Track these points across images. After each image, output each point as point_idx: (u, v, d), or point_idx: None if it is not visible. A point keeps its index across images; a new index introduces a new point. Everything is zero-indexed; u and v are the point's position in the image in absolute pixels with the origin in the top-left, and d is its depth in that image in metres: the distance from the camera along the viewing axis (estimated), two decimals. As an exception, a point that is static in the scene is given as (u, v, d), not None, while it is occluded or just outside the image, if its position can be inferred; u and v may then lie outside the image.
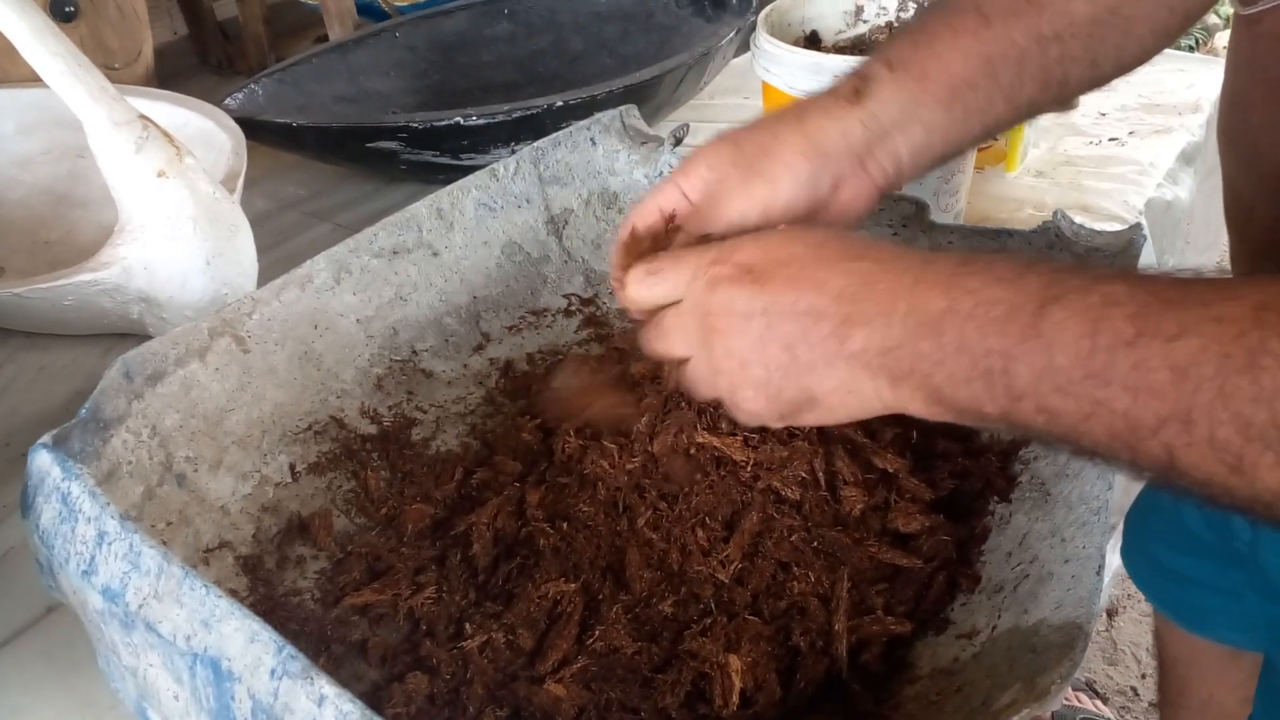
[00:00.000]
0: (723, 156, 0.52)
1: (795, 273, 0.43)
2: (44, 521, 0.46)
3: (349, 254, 0.67)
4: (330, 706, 0.35)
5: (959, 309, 0.38)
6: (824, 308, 0.41)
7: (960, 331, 0.37)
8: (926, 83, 0.53)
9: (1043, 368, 0.35)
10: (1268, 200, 0.57)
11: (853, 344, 0.40)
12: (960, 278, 0.39)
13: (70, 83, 0.64)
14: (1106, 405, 0.34)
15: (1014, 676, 0.42)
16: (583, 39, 1.20)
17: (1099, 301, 0.35)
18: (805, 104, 0.53)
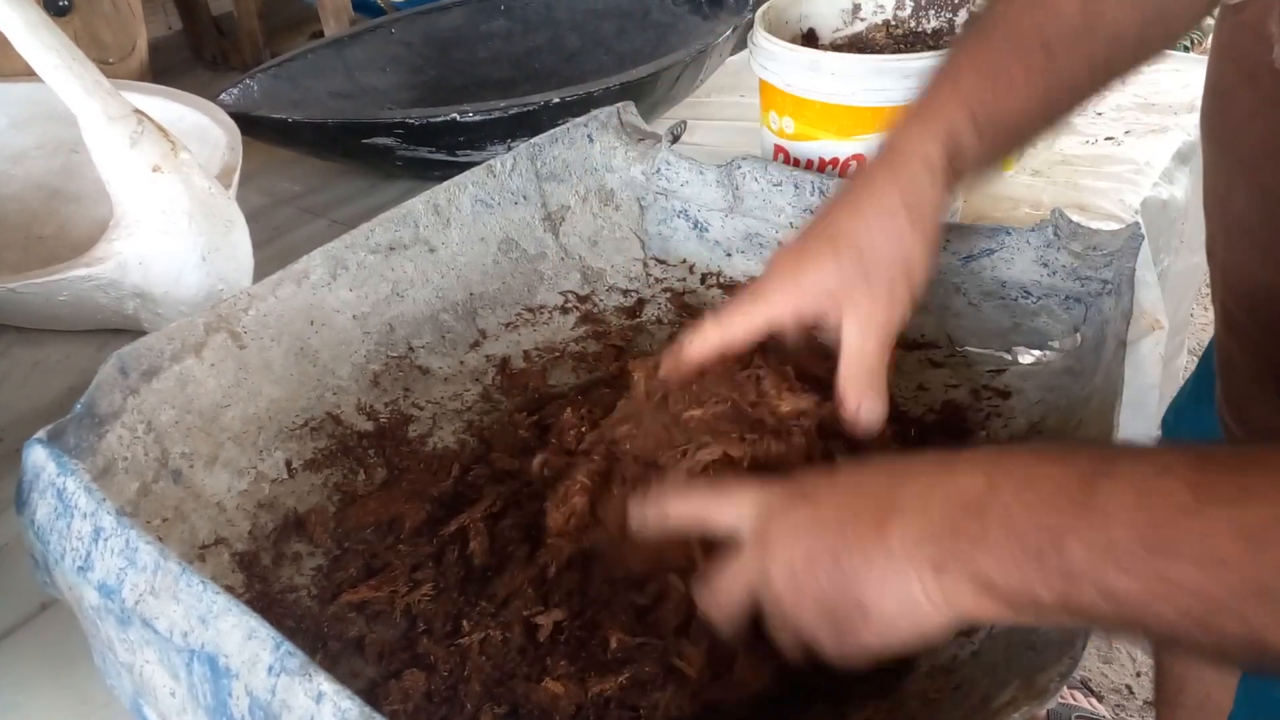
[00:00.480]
0: (850, 282, 0.51)
1: (840, 483, 0.43)
2: (39, 517, 0.46)
3: (345, 250, 0.66)
4: (328, 703, 0.35)
5: (1001, 488, 0.36)
6: (862, 507, 0.40)
7: (1005, 511, 0.35)
8: (1000, 136, 0.53)
9: (1099, 543, 0.32)
10: (1245, 188, 0.58)
11: (892, 537, 0.38)
12: (1000, 458, 0.37)
13: (64, 76, 0.64)
14: (1174, 583, 0.31)
15: (1012, 674, 0.42)
16: (579, 36, 1.20)
17: (1152, 471, 0.33)
18: (903, 188, 0.51)
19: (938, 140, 0.52)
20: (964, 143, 0.52)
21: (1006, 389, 0.67)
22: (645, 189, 0.81)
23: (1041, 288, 0.67)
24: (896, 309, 0.51)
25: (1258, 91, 0.54)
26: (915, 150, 0.52)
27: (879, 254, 0.51)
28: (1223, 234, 0.64)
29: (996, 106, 0.52)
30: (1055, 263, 0.66)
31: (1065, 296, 0.67)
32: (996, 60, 0.54)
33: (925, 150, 0.52)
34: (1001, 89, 0.53)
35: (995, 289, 0.69)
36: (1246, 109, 0.56)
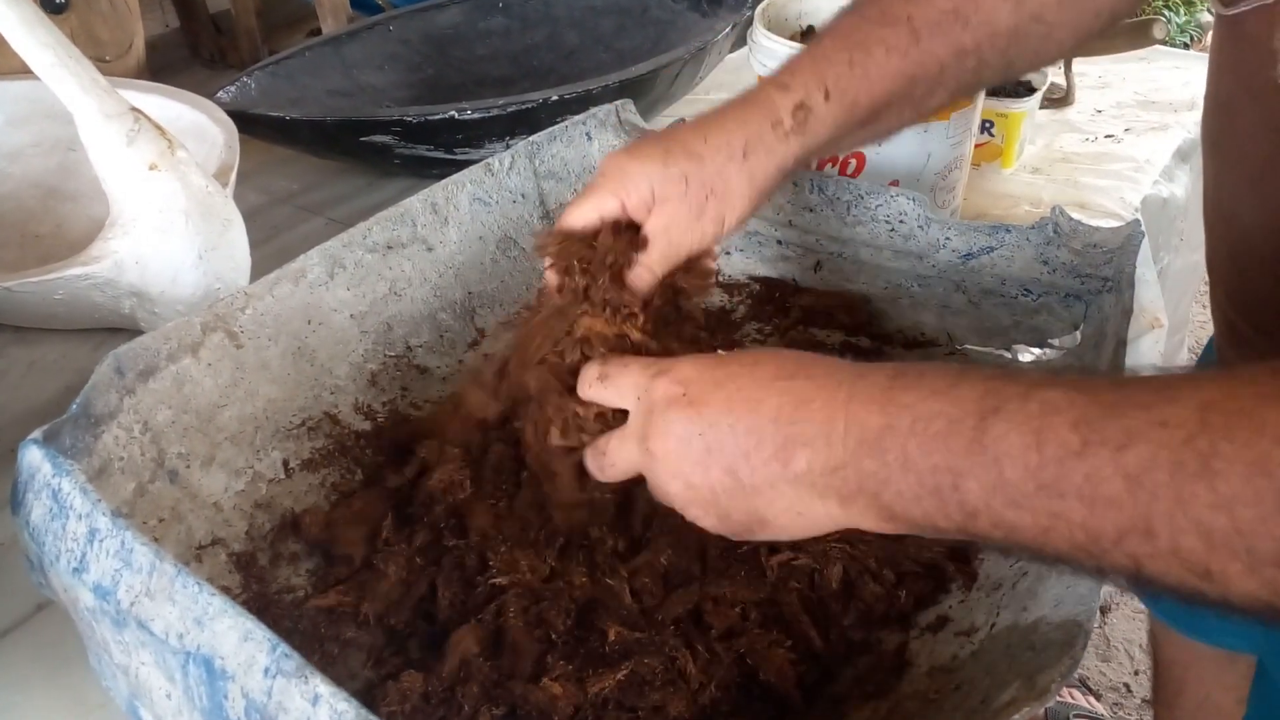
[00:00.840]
0: (669, 184, 0.53)
1: (731, 393, 0.43)
2: (34, 518, 0.45)
3: (343, 249, 0.66)
4: (325, 705, 0.35)
5: (898, 426, 0.37)
6: (762, 429, 0.41)
7: (903, 449, 0.37)
8: (855, 109, 0.55)
9: (993, 482, 0.34)
10: (1251, 205, 0.57)
11: (796, 466, 0.40)
12: (894, 392, 0.38)
13: (61, 74, 0.64)
14: (1064, 517, 0.33)
15: (1013, 674, 0.42)
16: (578, 33, 1.20)
17: (1039, 410, 0.34)
18: (747, 131, 0.54)
19: (788, 104, 0.54)
20: (813, 108, 0.54)
21: (1006, 387, 0.66)
22: (644, 187, 0.80)
23: (1042, 285, 0.67)
24: (699, 229, 0.54)
25: (1260, 106, 0.53)
26: (767, 106, 0.55)
27: (702, 170, 0.53)
28: (1225, 247, 0.63)
29: (851, 79, 0.54)
30: (1055, 260, 0.66)
31: (1065, 294, 0.66)
32: (859, 37, 0.55)
33: (774, 106, 0.54)
34: (858, 63, 0.54)
35: (995, 287, 0.68)
36: (1250, 124, 0.55)
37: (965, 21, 0.54)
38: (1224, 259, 0.64)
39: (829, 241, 0.75)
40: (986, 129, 0.96)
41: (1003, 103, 0.95)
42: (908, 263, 0.71)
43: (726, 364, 0.45)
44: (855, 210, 0.73)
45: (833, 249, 0.75)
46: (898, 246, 0.71)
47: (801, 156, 0.55)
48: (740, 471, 0.41)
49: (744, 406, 0.42)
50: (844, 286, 0.75)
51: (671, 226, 0.53)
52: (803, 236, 0.76)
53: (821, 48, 0.56)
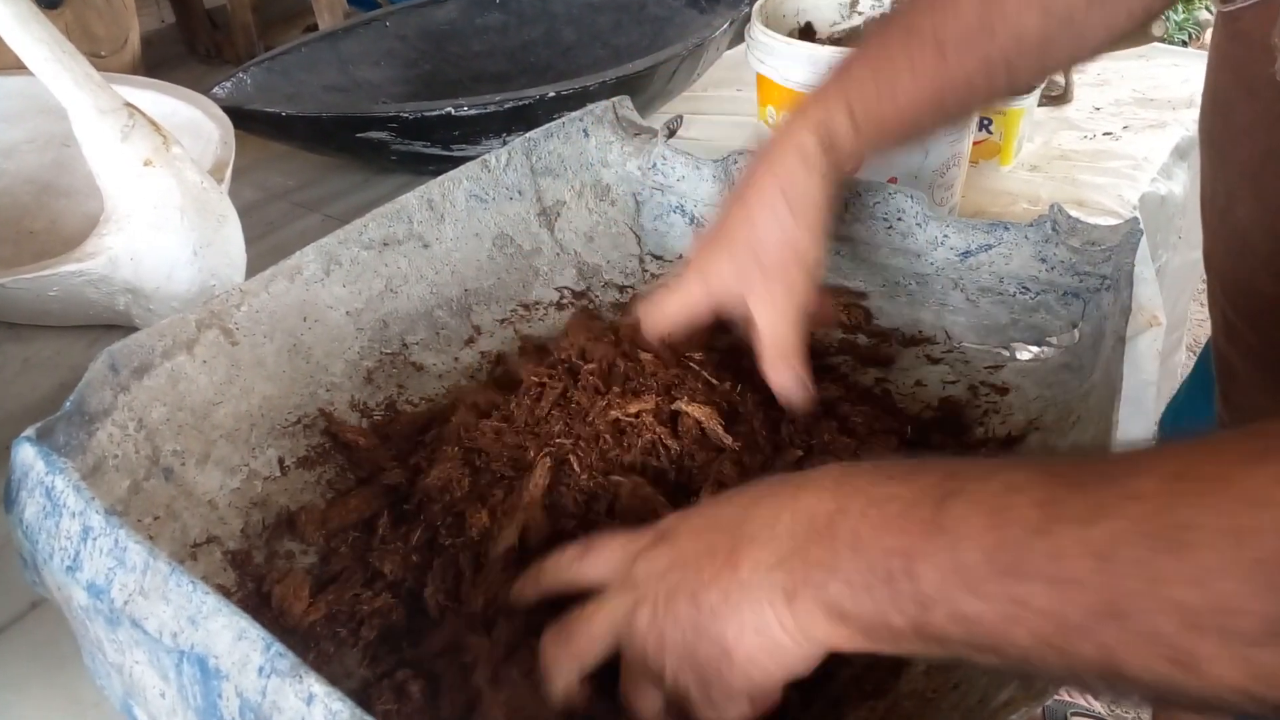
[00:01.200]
0: (748, 272, 0.56)
1: (695, 520, 0.42)
2: (27, 516, 0.45)
3: (338, 245, 0.66)
4: (319, 705, 0.35)
5: (849, 509, 0.35)
6: (716, 541, 0.39)
7: (853, 533, 0.34)
8: (884, 132, 0.56)
9: (949, 566, 0.32)
10: (1245, 201, 0.57)
11: (743, 568, 0.37)
12: (847, 478, 0.36)
13: (55, 69, 0.63)
14: (1027, 604, 0.30)
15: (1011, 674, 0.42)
16: (575, 30, 1.19)
17: (1000, 489, 0.32)
18: (781, 181, 0.56)
19: (812, 132, 0.55)
20: (839, 134, 0.55)
21: (1005, 385, 0.66)
22: (641, 184, 0.80)
23: (1040, 283, 0.67)
24: (796, 292, 0.56)
25: (1258, 103, 0.53)
26: (792, 142, 0.56)
27: (767, 247, 0.56)
28: (1222, 245, 0.63)
29: (879, 101, 0.55)
30: (1053, 258, 0.66)
31: (1063, 292, 0.66)
32: (886, 57, 0.56)
33: (800, 141, 0.55)
34: (885, 84, 0.55)
35: (993, 285, 0.68)
36: (1247, 120, 0.55)
37: (992, 34, 0.54)
38: (1221, 255, 0.64)
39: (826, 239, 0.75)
40: (985, 126, 0.96)
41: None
42: (905, 260, 0.71)
43: (704, 507, 0.44)
44: (853, 207, 0.72)
45: (830, 246, 0.75)
46: (895, 244, 0.71)
47: (834, 175, 0.57)
48: (699, 595, 0.38)
49: (706, 525, 0.41)
50: (841, 284, 0.74)
51: (777, 305, 0.56)
52: (800, 234, 0.76)
53: (847, 68, 0.57)
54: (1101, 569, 0.29)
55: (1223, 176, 0.60)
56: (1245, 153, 0.56)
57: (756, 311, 0.56)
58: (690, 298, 0.59)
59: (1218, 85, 0.59)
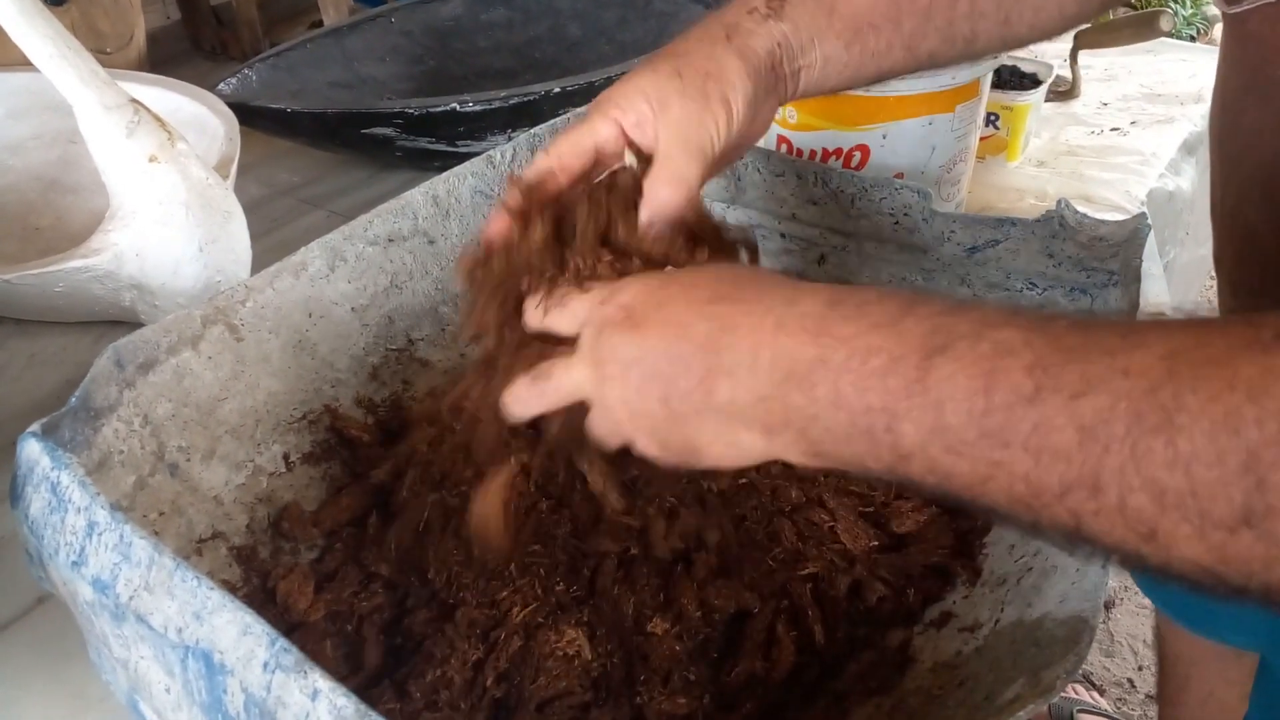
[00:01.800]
0: (664, 86, 0.49)
1: (667, 316, 0.41)
2: (33, 511, 0.45)
3: (344, 241, 0.66)
4: (324, 700, 0.35)
5: (831, 360, 0.34)
6: (689, 356, 0.39)
7: (835, 385, 0.34)
8: (833, 17, 0.51)
9: (931, 427, 0.32)
10: (1257, 202, 0.57)
11: (719, 396, 0.38)
12: (830, 323, 0.35)
13: (60, 66, 0.63)
14: (1005, 468, 0.30)
15: (1018, 670, 0.42)
16: (580, 25, 1.19)
17: (991, 351, 0.31)
18: (724, 20, 0.51)
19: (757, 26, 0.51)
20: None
21: (1011, 382, 0.66)
22: (646, 180, 0.80)
23: (1047, 279, 0.66)
24: (710, 117, 0.49)
25: (1268, 104, 0.53)
26: (734, 4, 0.52)
27: (692, 61, 0.49)
28: (1232, 247, 0.63)
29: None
30: (1061, 254, 0.65)
31: (1071, 288, 0.66)
32: None
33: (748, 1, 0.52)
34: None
35: (1000, 280, 0.68)
36: (1257, 122, 0.55)
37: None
38: (1230, 255, 0.63)
39: (833, 235, 0.75)
40: (991, 121, 0.96)
41: (1008, 95, 0.95)
42: (912, 256, 0.71)
43: (669, 284, 0.42)
44: (859, 203, 0.72)
45: (837, 242, 0.74)
46: (902, 240, 0.71)
47: (786, 47, 0.51)
48: (671, 399, 0.39)
49: (675, 331, 0.40)
50: (848, 280, 0.74)
51: (683, 121, 0.48)
52: (806, 230, 0.76)
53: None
54: (1085, 443, 0.29)
55: (1233, 179, 0.60)
56: (1256, 155, 0.56)
57: (662, 124, 0.49)
58: (594, 126, 0.50)
59: (1227, 86, 0.58)
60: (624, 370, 0.41)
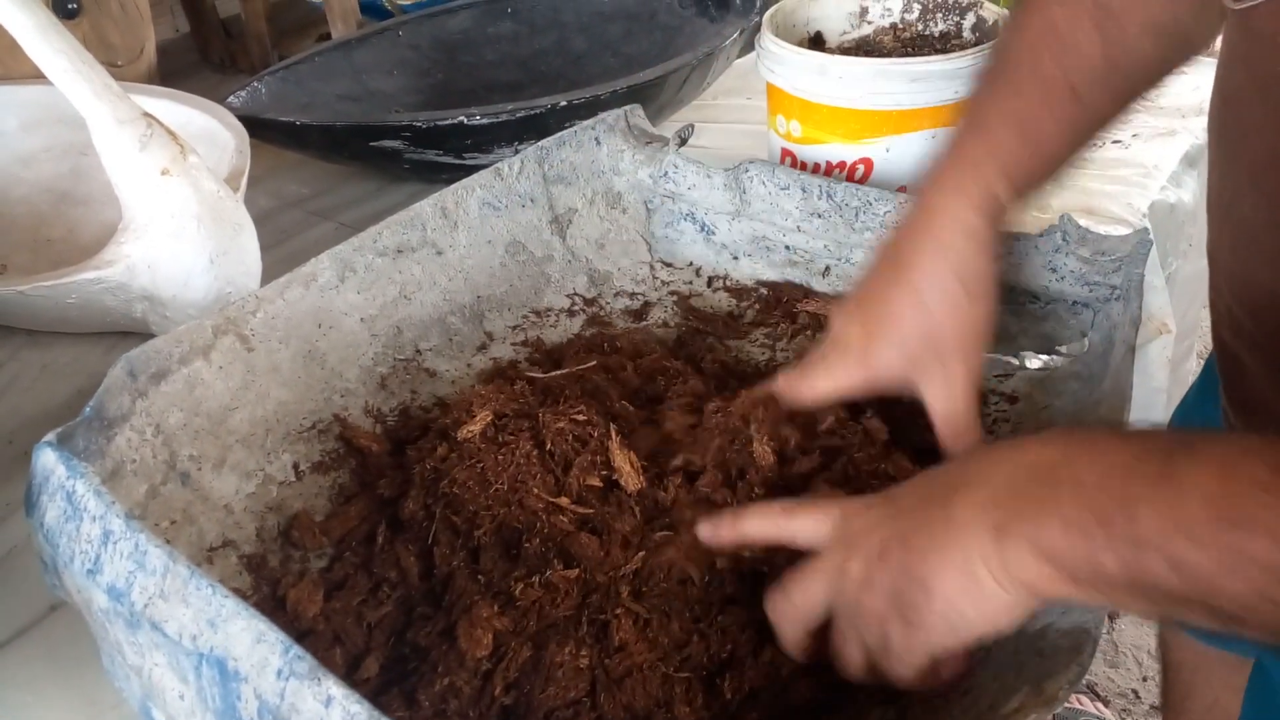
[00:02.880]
0: (918, 356, 0.53)
1: (918, 480, 0.43)
2: (48, 520, 0.46)
3: (353, 253, 0.66)
4: (337, 707, 0.35)
5: (1075, 458, 0.35)
6: (933, 491, 0.40)
7: (1075, 478, 0.34)
8: (1035, 187, 0.55)
9: (1170, 513, 0.32)
10: (1250, 197, 0.57)
11: (955, 506, 0.38)
12: (1076, 433, 0.37)
13: (74, 79, 0.64)
14: (1247, 555, 0.30)
15: (1021, 681, 0.42)
16: (586, 39, 1.20)
17: (1234, 451, 0.32)
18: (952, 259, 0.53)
19: (978, 209, 0.53)
20: (1003, 204, 0.53)
21: (1014, 394, 0.66)
22: (652, 192, 0.81)
23: (1050, 293, 0.67)
24: (973, 370, 0.53)
25: (1267, 101, 0.53)
26: (958, 219, 0.53)
27: (945, 333, 0.53)
28: (1228, 240, 0.63)
29: (1031, 163, 0.54)
30: (1064, 268, 0.66)
31: (1073, 302, 0.66)
32: (1026, 111, 0.54)
33: (967, 220, 0.53)
34: (1032, 144, 0.54)
35: (1003, 294, 0.68)
36: (1256, 118, 0.55)
37: (1117, 68, 0.53)
38: (1225, 249, 0.64)
39: (837, 247, 0.75)
40: (994, 135, 0.96)
41: (1010, 108, 0.95)
42: (916, 268, 0.71)
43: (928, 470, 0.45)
44: (863, 216, 0.73)
45: (841, 255, 0.75)
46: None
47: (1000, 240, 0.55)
48: (908, 533, 0.40)
49: (926, 481, 0.42)
50: (852, 291, 0.75)
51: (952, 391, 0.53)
52: (811, 242, 0.76)
53: (993, 134, 0.55)
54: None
55: (1230, 173, 0.61)
56: (1254, 150, 0.57)
57: (931, 394, 0.53)
58: (848, 380, 0.55)
59: (1228, 82, 0.59)
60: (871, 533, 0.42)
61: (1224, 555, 0.31)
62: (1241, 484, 0.31)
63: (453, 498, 0.56)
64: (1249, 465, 0.31)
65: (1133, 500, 0.33)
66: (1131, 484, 0.33)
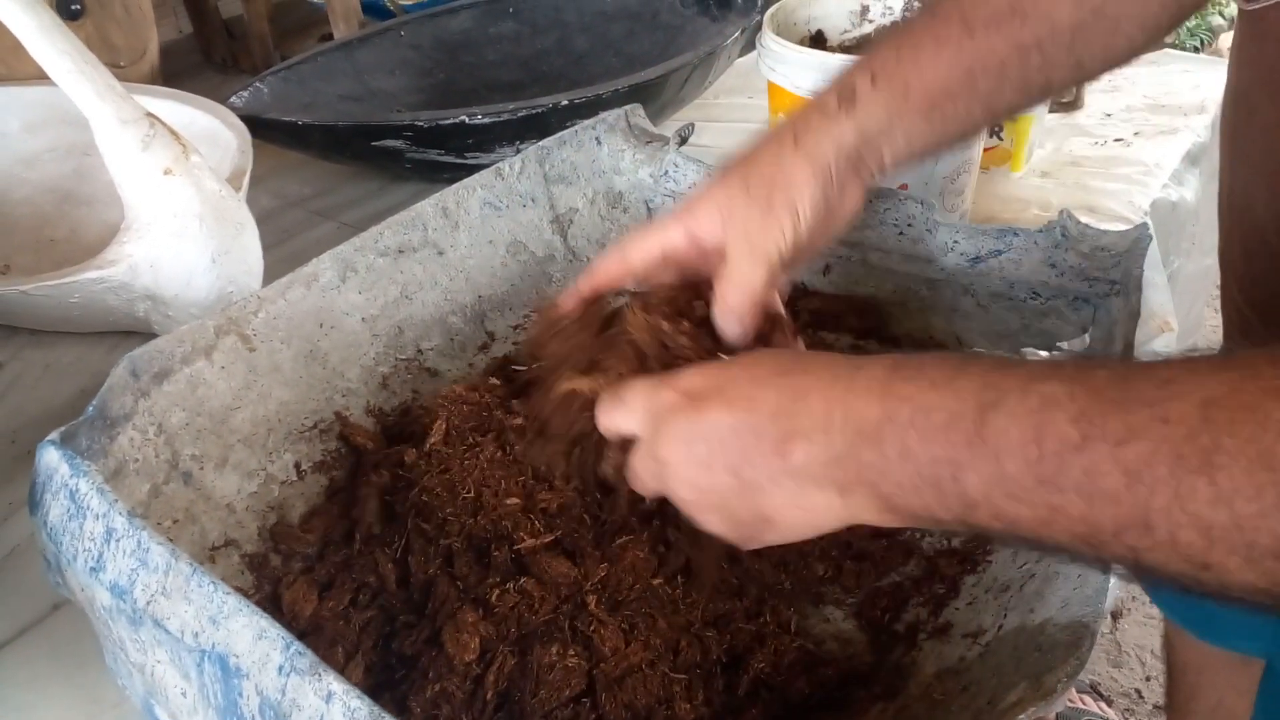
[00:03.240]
0: (733, 196, 0.52)
1: (730, 395, 0.43)
2: (52, 518, 0.46)
3: (354, 253, 0.67)
4: (338, 703, 0.35)
5: (897, 417, 0.37)
6: (760, 426, 0.41)
7: (902, 440, 0.37)
8: (908, 96, 0.54)
9: (993, 475, 0.35)
10: (1264, 199, 0.57)
11: (794, 459, 0.40)
12: (893, 384, 0.38)
13: (77, 80, 0.64)
14: (1063, 511, 0.33)
15: (1020, 675, 0.42)
16: (588, 38, 1.20)
17: (1038, 404, 0.34)
18: (795, 124, 0.54)
19: (833, 91, 0.54)
20: (858, 90, 0.53)
21: (1015, 391, 0.66)
22: (653, 191, 0.81)
23: (1050, 289, 0.67)
24: (775, 223, 0.52)
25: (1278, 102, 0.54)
26: (813, 101, 0.55)
27: (759, 169, 0.53)
28: (1239, 240, 0.63)
29: (899, 66, 0.54)
30: (1063, 264, 0.66)
31: (1073, 298, 0.66)
32: (907, 34, 0.55)
33: (820, 99, 0.54)
34: (906, 54, 0.54)
35: (1004, 290, 0.69)
36: (1267, 118, 0.55)
37: (1023, 17, 0.53)
38: (1236, 251, 0.64)
39: (837, 245, 0.75)
40: (995, 133, 0.96)
41: (1011, 107, 0.95)
42: (916, 266, 0.72)
43: (727, 368, 0.45)
44: (864, 214, 0.73)
45: (841, 252, 0.75)
46: (906, 250, 0.71)
47: (861, 137, 0.53)
48: (742, 470, 0.41)
49: (742, 405, 0.42)
50: (853, 290, 0.75)
51: (748, 230, 0.52)
52: (811, 240, 0.76)
53: (869, 48, 0.56)
54: (1132, 486, 0.31)
55: (1241, 174, 0.61)
56: (1263, 149, 0.57)
57: (731, 237, 0.52)
58: (664, 230, 0.54)
59: (1240, 82, 0.59)
60: (686, 449, 0.43)
61: (1042, 511, 0.34)
62: (1050, 443, 0.33)
63: (423, 505, 0.57)
64: (1055, 424, 0.33)
65: (957, 465, 0.35)
66: (952, 448, 0.36)
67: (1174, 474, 0.30)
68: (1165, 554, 0.31)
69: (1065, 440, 0.33)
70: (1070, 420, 0.33)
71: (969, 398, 0.36)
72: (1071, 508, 0.33)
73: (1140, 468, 0.31)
